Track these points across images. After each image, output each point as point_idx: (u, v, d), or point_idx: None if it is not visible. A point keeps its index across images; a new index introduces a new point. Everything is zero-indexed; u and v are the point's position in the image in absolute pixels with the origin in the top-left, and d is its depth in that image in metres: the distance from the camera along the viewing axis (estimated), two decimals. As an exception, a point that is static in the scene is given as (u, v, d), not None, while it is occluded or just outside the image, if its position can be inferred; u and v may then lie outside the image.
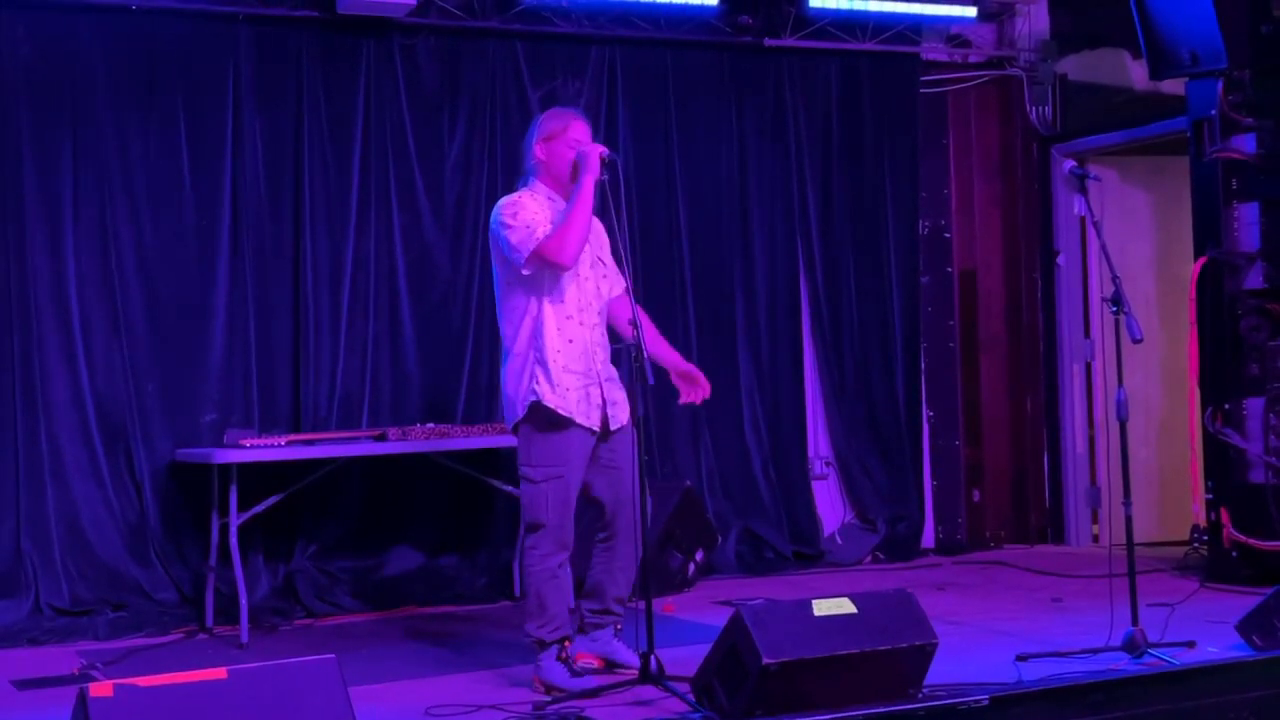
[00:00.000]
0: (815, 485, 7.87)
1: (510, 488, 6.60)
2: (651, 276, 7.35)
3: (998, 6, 8.27)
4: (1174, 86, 7.19)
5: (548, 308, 4.90)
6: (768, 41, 7.66)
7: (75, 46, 6.37)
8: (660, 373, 4.99)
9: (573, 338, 4.92)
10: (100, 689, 3.32)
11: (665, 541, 6.74)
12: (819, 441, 7.94)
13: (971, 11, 7.89)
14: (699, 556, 7.02)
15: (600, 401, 4.95)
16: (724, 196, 7.66)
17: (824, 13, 7.64)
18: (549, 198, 4.99)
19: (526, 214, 4.89)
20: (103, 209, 6.41)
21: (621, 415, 4.99)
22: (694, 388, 5.18)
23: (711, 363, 7.53)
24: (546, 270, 4.87)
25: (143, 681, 3.39)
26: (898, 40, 7.96)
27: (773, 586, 6.93)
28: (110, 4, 6.39)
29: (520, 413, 4.94)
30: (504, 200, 5.01)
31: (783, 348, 7.79)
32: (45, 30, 6.31)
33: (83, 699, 3.31)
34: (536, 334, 4.90)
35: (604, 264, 5.08)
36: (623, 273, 4.99)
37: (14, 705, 5.00)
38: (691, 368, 5.22)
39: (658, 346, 5.11)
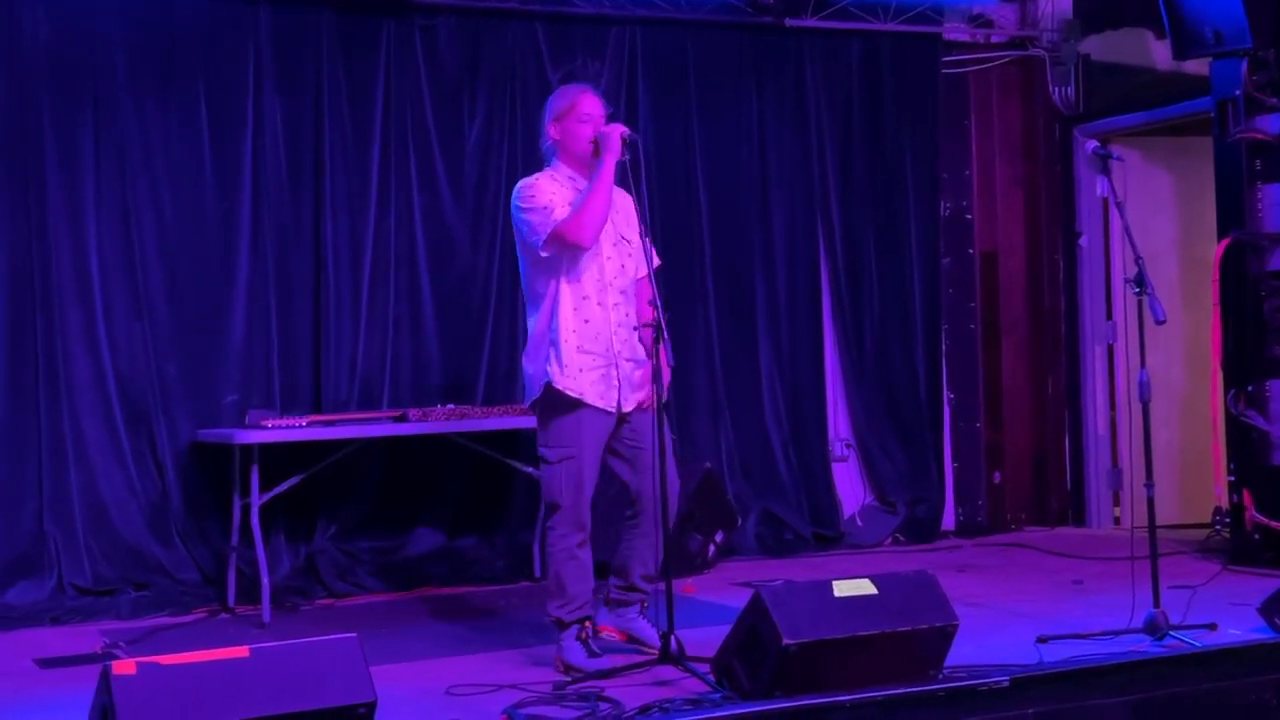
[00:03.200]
0: (835, 467, 7.87)
1: (530, 469, 6.61)
2: (671, 258, 7.30)
3: (1020, -14, 8.23)
4: (1198, 66, 7.15)
5: (565, 289, 4.90)
6: (789, 22, 7.63)
7: (96, 28, 6.37)
8: (684, 356, 4.98)
9: (589, 318, 4.92)
10: (123, 667, 3.34)
11: (685, 523, 6.74)
12: (839, 423, 7.93)
13: (994, -9, 7.86)
14: (719, 538, 7.02)
15: (618, 383, 4.94)
16: (744, 177, 7.64)
17: (845, -7, 7.62)
18: (569, 177, 4.98)
19: (544, 196, 4.89)
20: (124, 191, 6.43)
21: (641, 396, 4.98)
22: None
23: (731, 345, 7.55)
24: (566, 251, 4.87)
25: (165, 660, 3.41)
26: (919, 20, 7.92)
27: (792, 568, 6.93)
28: (131, -15, 6.41)
29: (536, 393, 4.96)
30: (522, 182, 5.01)
31: (803, 330, 7.78)
32: (66, 12, 6.32)
33: (106, 677, 3.33)
34: (554, 315, 4.90)
35: (629, 242, 5.05)
36: (646, 255, 4.95)
37: (38, 684, 5.03)
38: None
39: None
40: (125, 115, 6.42)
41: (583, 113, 4.96)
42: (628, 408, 4.97)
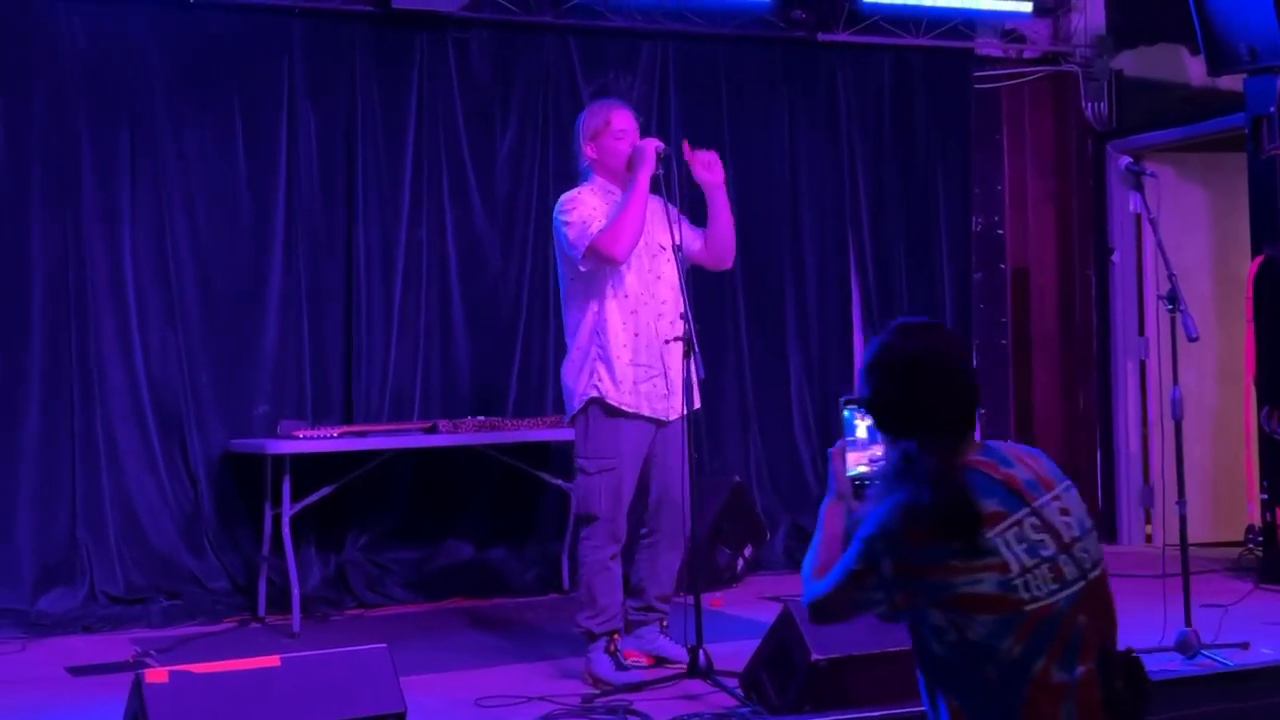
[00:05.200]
0: (865, 482, 7.83)
1: (560, 481, 6.63)
2: (701, 271, 7.32)
3: (1053, 1, 8.20)
4: (1232, 82, 7.12)
5: (610, 302, 4.91)
6: (821, 36, 7.64)
7: (132, 40, 6.43)
8: (714, 368, 4.99)
9: (638, 331, 4.93)
10: (156, 675, 3.36)
11: (714, 537, 6.73)
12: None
13: (1027, 6, 7.84)
14: (747, 552, 7.01)
15: (665, 392, 4.94)
16: (775, 191, 7.64)
17: (877, 7, 7.61)
18: (608, 191, 5.00)
19: (584, 209, 4.91)
20: (159, 200, 6.47)
21: (678, 407, 4.98)
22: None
23: (761, 357, 7.55)
24: (604, 265, 4.88)
25: (198, 668, 3.43)
26: (951, 35, 7.92)
27: (821, 582, 6.90)
28: (168, -2, 6.47)
29: (578, 405, 4.96)
30: (564, 196, 5.04)
31: (833, 343, 7.77)
32: (102, 24, 6.38)
33: (139, 685, 3.35)
34: (599, 329, 4.91)
35: (665, 249, 4.99)
36: (679, 265, 4.91)
37: (70, 691, 5.06)
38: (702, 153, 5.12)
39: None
40: (160, 126, 6.47)
41: (617, 129, 4.98)
42: (671, 417, 4.97)
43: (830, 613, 2.63)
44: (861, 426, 2.93)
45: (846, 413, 2.93)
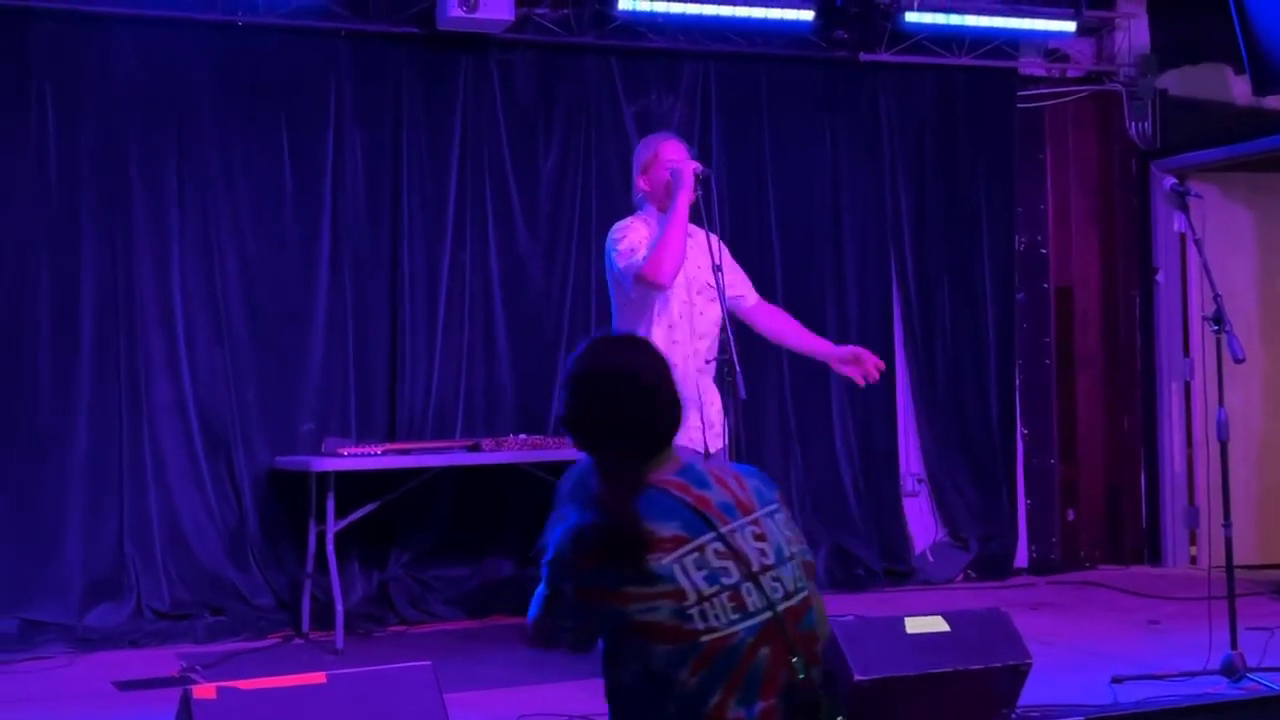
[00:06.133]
0: (906, 502, 7.83)
1: (602, 500, 6.64)
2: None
3: (1097, 21, 8.19)
4: (1277, 102, 7.09)
5: (655, 329, 4.96)
6: (863, 56, 7.65)
7: (181, 62, 6.51)
8: (755, 390, 4.99)
9: (676, 361, 4.93)
10: (203, 691, 3.39)
11: (755, 556, 6.72)
12: (910, 458, 7.90)
13: (1070, 26, 7.82)
14: (789, 571, 6.99)
15: (700, 423, 4.97)
16: (817, 211, 7.65)
17: (920, 27, 7.61)
18: (659, 220, 5.02)
19: (634, 236, 4.96)
20: (206, 220, 6.55)
21: (715, 441, 5.00)
22: (861, 366, 5.11)
23: (802, 378, 7.54)
24: (651, 292, 4.91)
25: (245, 684, 3.45)
26: (994, 55, 7.91)
27: (863, 603, 6.90)
28: (215, 20, 6.53)
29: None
30: (616, 224, 5.10)
31: (875, 363, 7.75)
32: (152, 46, 6.46)
33: (186, 701, 3.38)
34: None
35: (712, 288, 4.96)
36: (719, 289, 4.93)
37: (116, 706, 5.11)
38: (850, 349, 5.20)
39: (806, 341, 5.25)
40: (208, 146, 6.55)
41: (666, 160, 5.01)
42: (714, 448, 4.99)
43: (541, 637, 2.55)
44: None
45: None
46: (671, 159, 5.01)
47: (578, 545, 2.35)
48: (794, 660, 2.35)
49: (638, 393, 2.45)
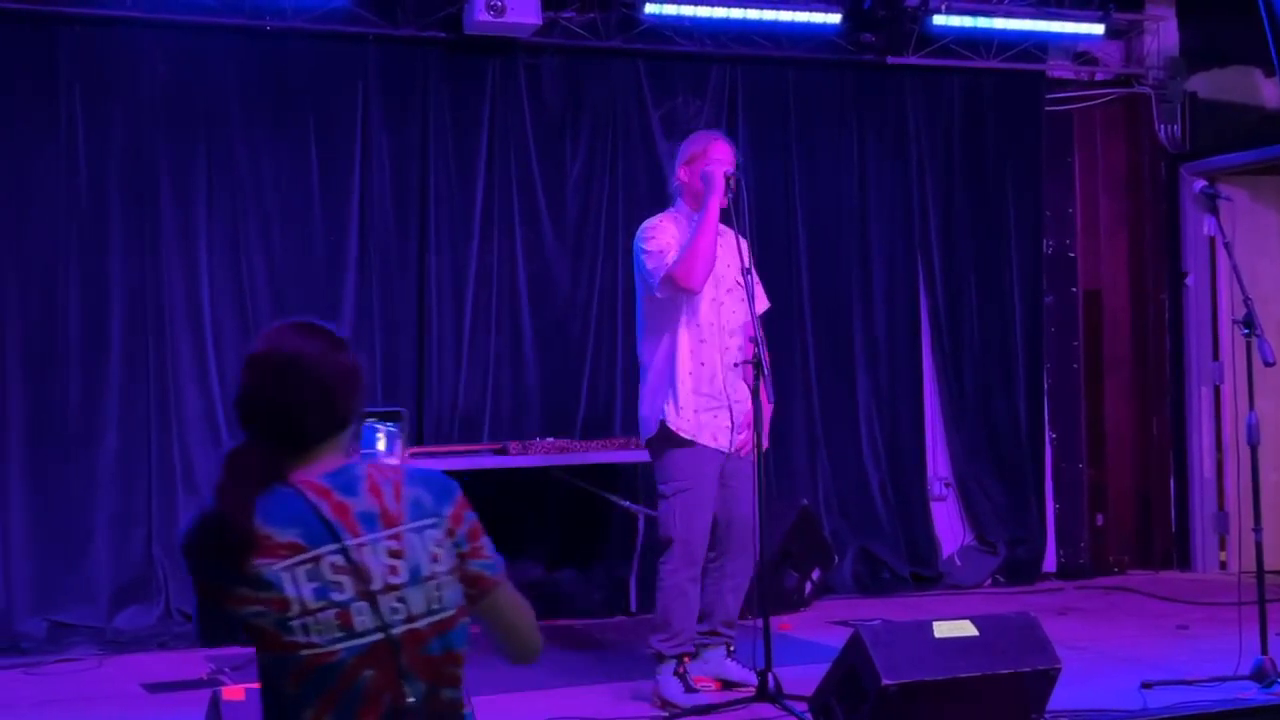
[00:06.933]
0: (934, 506, 7.80)
1: (628, 503, 6.65)
2: (769, 294, 7.29)
3: (1125, 24, 8.14)
4: (1308, 105, 7.05)
5: (682, 331, 4.95)
6: (890, 59, 7.63)
7: (210, 66, 6.54)
8: (782, 392, 4.99)
9: (705, 360, 4.95)
10: (232, 693, 3.41)
11: (781, 560, 6.72)
12: (938, 462, 7.87)
13: (1099, 29, 7.78)
14: (815, 576, 6.99)
15: (729, 424, 4.96)
16: (844, 215, 7.64)
17: (947, 30, 7.59)
18: (690, 217, 5.02)
19: (664, 237, 4.95)
20: (235, 225, 6.57)
21: (745, 442, 4.99)
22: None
23: (829, 381, 7.53)
24: (680, 294, 4.91)
25: (273, 686, 3.46)
26: (1022, 58, 7.88)
27: (890, 607, 6.88)
28: (244, 25, 6.56)
29: (652, 430, 5.00)
30: (645, 223, 5.08)
31: (902, 367, 7.74)
32: (181, 51, 6.49)
33: (216, 702, 3.40)
34: (670, 356, 4.94)
35: (742, 287, 5.00)
36: (749, 293, 4.92)
37: (146, 707, 5.14)
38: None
39: None
40: (237, 150, 6.58)
41: (714, 158, 5.00)
42: (743, 452, 4.98)
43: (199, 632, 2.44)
44: (382, 438, 2.78)
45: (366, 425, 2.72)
46: (720, 159, 4.99)
47: (194, 536, 2.23)
48: (404, 685, 2.24)
49: (297, 383, 2.28)
